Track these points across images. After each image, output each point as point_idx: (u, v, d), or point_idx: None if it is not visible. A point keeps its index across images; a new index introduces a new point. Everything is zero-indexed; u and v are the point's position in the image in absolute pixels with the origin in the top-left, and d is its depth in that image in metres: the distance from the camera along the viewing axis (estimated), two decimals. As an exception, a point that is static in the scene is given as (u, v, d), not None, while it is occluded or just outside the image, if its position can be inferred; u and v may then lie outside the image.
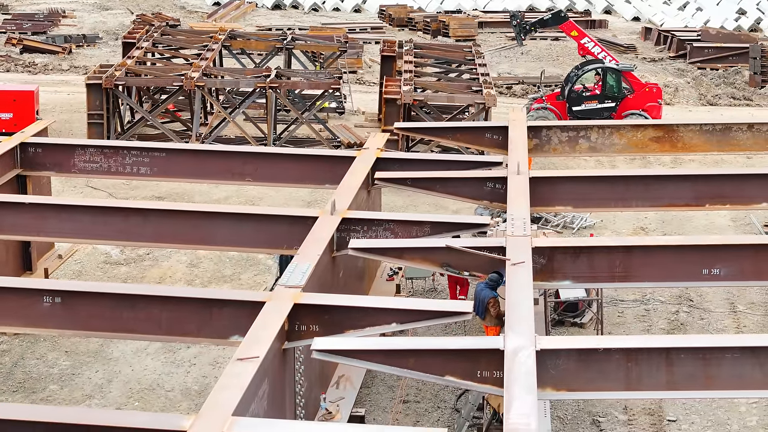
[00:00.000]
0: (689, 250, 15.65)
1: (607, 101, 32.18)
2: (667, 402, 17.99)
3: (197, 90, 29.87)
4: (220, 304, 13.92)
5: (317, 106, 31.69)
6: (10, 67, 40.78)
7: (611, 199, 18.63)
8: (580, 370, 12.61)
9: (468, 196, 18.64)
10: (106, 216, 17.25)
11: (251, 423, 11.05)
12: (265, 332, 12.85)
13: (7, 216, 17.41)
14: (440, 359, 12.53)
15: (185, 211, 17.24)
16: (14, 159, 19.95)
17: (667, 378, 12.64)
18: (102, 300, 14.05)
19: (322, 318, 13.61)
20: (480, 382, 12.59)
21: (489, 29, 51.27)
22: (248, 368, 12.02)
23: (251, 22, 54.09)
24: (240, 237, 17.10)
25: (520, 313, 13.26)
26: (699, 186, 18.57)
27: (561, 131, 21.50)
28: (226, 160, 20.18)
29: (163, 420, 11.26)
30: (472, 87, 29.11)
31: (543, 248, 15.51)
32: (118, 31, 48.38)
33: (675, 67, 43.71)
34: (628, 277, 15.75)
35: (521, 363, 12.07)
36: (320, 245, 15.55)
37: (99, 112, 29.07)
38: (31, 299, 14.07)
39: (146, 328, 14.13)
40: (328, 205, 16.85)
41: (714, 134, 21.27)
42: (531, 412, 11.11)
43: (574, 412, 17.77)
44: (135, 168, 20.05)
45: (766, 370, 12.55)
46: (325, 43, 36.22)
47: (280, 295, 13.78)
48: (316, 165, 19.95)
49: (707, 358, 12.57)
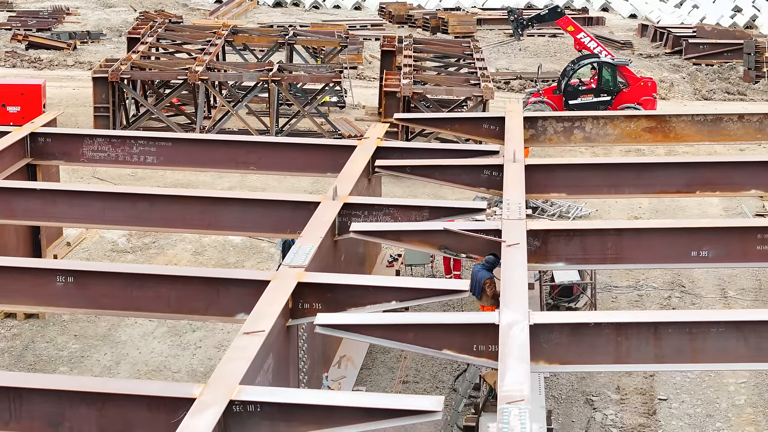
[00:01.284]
0: (678, 232, 16.20)
1: (603, 95, 32.78)
2: (658, 382, 18.57)
3: (201, 83, 30.48)
4: (226, 282, 14.46)
5: (318, 99, 32.28)
6: (16, 63, 41.36)
7: (604, 186, 19.16)
8: (572, 344, 13.12)
9: (465, 183, 19.17)
10: (115, 202, 17.75)
11: (258, 390, 11.55)
12: (270, 308, 13.37)
13: (19, 201, 17.90)
14: (438, 333, 13.04)
15: (192, 197, 17.76)
16: (24, 148, 20.46)
17: (655, 351, 13.16)
18: (113, 279, 14.58)
19: (325, 296, 14.13)
20: (476, 356, 13.11)
21: (487, 26, 51.87)
22: (254, 341, 12.52)
23: (253, 19, 54.68)
24: (245, 222, 17.62)
25: (514, 290, 13.80)
26: (690, 173, 19.09)
27: (556, 122, 22.04)
28: (230, 149, 20.72)
29: (174, 388, 11.82)
30: (470, 81, 29.70)
31: (537, 231, 16.06)
32: (121, 28, 48.96)
33: (671, 63, 44.29)
34: (619, 259, 16.31)
35: (515, 336, 12.60)
36: (322, 228, 16.08)
37: (105, 105, 29.69)
38: (45, 279, 14.58)
39: (155, 306, 14.66)
40: (330, 190, 17.39)
41: (705, 125, 21.81)
42: (524, 380, 11.65)
43: (568, 391, 18.33)
44: (142, 157, 20.57)
45: (749, 344, 13.07)
46: (326, 39, 36.83)
47: (284, 274, 14.31)
48: (318, 154, 20.49)
49: (693, 332, 13.09)
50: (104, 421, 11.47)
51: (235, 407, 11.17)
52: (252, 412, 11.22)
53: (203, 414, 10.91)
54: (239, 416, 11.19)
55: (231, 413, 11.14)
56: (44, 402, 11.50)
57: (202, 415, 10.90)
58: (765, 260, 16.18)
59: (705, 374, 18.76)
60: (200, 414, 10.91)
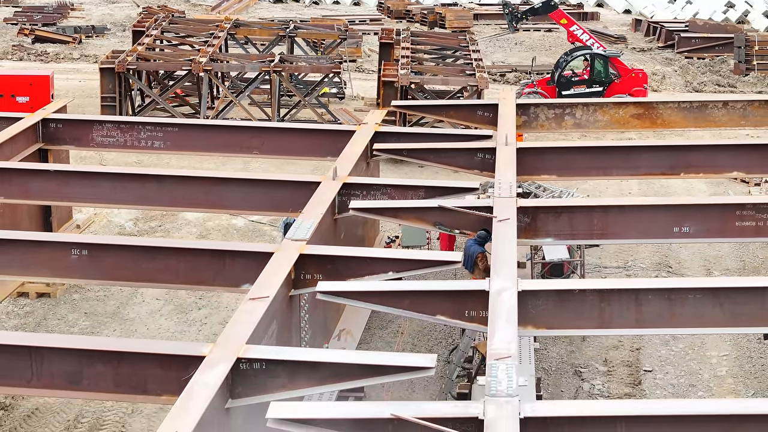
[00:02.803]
0: (661, 209, 17.01)
1: (595, 85, 33.65)
2: (644, 354, 19.40)
3: (205, 74, 31.36)
4: (232, 254, 15.27)
5: (318, 89, 33.15)
6: (23, 56, 42.23)
7: (593, 168, 19.97)
8: (558, 310, 13.84)
9: (460, 166, 19.97)
10: (124, 182, 18.53)
11: (263, 349, 12.30)
12: (274, 278, 14.12)
13: (34, 182, 18.69)
14: (432, 300, 13.78)
15: (198, 177, 18.55)
16: (36, 134, 21.23)
17: (636, 317, 13.87)
18: (125, 252, 15.37)
19: (325, 267, 14.90)
20: (468, 321, 13.89)
21: (484, 21, 52.74)
22: (259, 306, 13.26)
23: (253, 14, 55.50)
24: (248, 201, 18.39)
25: (504, 260, 14.58)
26: (674, 156, 19.86)
27: (548, 108, 22.87)
28: (235, 134, 21.52)
29: (185, 347, 12.67)
30: (466, 71, 30.55)
31: (527, 208, 16.87)
32: (125, 23, 49.86)
33: (663, 57, 45.14)
34: (605, 235, 17.13)
35: (504, 301, 13.35)
36: (323, 206, 16.85)
37: (112, 95, 30.59)
38: (61, 252, 15.36)
39: (165, 277, 15.46)
40: (330, 171, 18.21)
41: (691, 111, 22.63)
42: (512, 339, 12.42)
43: (557, 363, 19.15)
44: (149, 142, 21.36)
45: (725, 309, 13.83)
46: (326, 32, 37.70)
47: (287, 246, 15.09)
48: (318, 138, 21.28)
49: (672, 298, 13.83)
50: (120, 378, 12.24)
51: (242, 365, 11.89)
52: (258, 370, 11.93)
53: (212, 370, 11.67)
54: (245, 373, 11.91)
55: (238, 370, 11.85)
56: (63, 360, 12.26)
57: (211, 371, 11.66)
58: (743, 236, 16.99)
59: (689, 347, 19.61)
60: (209, 370, 11.67)
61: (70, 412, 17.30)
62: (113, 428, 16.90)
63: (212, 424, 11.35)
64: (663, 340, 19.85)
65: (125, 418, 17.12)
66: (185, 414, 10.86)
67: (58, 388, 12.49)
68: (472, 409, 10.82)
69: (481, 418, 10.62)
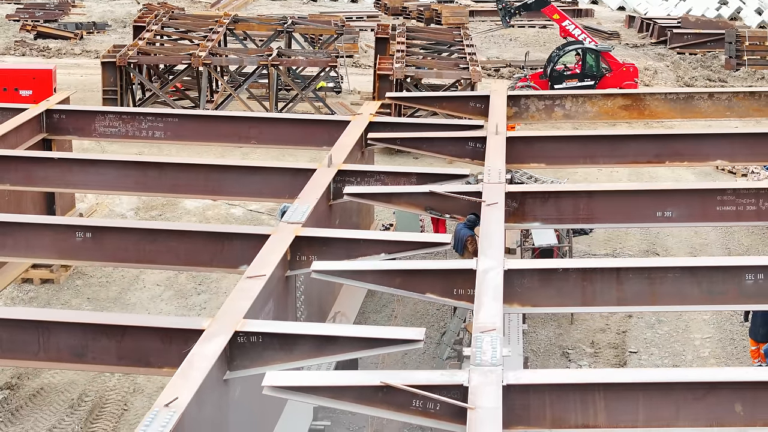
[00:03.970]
0: (644, 194, 17.56)
1: (587, 79, 34.26)
2: (629, 337, 20.02)
3: (204, 68, 31.99)
4: (230, 237, 15.84)
5: (316, 83, 33.79)
6: (26, 52, 42.85)
7: (580, 156, 20.50)
8: (543, 288, 14.34)
9: (452, 154, 20.54)
10: (127, 169, 19.03)
11: (260, 323, 12.82)
12: (270, 258, 14.65)
13: (38, 170, 19.20)
14: (422, 278, 14.28)
15: (198, 165, 19.09)
16: (40, 124, 21.74)
17: (617, 295, 14.37)
18: (128, 234, 15.93)
19: (320, 249, 15.44)
20: (456, 299, 14.40)
21: (480, 18, 53.38)
22: (256, 284, 13.79)
23: (252, 11, 56.10)
24: (246, 188, 18.89)
25: (491, 241, 15.14)
26: (660, 145, 20.38)
27: (538, 100, 23.43)
28: (233, 124, 22.09)
29: (185, 321, 13.29)
30: (460, 65, 31.17)
31: (515, 193, 17.45)
32: (125, 19, 50.49)
33: (655, 52, 45.75)
34: (590, 219, 17.69)
35: (491, 279, 13.88)
36: (318, 191, 17.42)
37: (113, 88, 31.23)
38: (66, 234, 15.91)
39: (166, 259, 16.03)
40: (325, 158, 18.81)
41: (678, 102, 23.20)
42: (497, 314, 12.98)
43: (546, 345, 19.77)
44: (150, 132, 21.92)
45: (702, 288, 14.35)
46: (323, 27, 38.30)
47: (283, 229, 15.66)
48: (314, 128, 21.84)
49: (652, 277, 14.36)
50: (123, 352, 12.82)
51: (240, 338, 12.44)
52: (255, 343, 12.48)
53: (211, 342, 12.23)
54: (243, 346, 12.47)
55: (236, 343, 12.41)
56: (69, 334, 12.84)
57: (209, 343, 12.22)
58: (724, 220, 17.53)
59: (673, 330, 20.23)
60: (208, 342, 12.23)
61: (74, 391, 17.92)
62: (116, 407, 17.50)
63: (211, 394, 11.93)
64: (648, 324, 20.48)
65: (127, 397, 17.74)
66: (185, 382, 11.42)
67: (64, 361, 13.07)
68: (458, 377, 11.40)
69: (466, 386, 11.19)
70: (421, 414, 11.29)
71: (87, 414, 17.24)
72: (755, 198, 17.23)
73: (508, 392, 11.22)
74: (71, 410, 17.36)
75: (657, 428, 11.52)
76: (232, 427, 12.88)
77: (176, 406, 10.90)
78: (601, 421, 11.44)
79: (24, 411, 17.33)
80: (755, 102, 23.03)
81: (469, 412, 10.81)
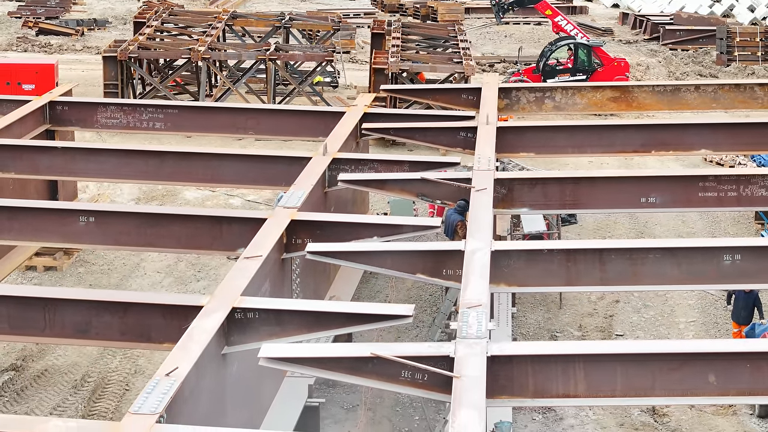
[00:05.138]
0: (629, 181, 18.12)
1: (579, 74, 34.87)
2: (616, 321, 20.61)
3: (203, 62, 32.62)
4: (228, 220, 16.40)
5: (313, 77, 34.42)
6: (28, 48, 43.50)
7: (569, 146, 21.04)
8: (528, 268, 14.89)
9: (444, 144, 21.10)
10: (128, 158, 19.55)
11: (257, 300, 13.34)
12: (267, 240, 15.16)
13: (42, 158, 19.73)
14: (412, 259, 14.83)
15: (198, 153, 19.65)
16: (44, 115, 22.24)
17: (600, 275, 14.93)
18: (130, 219, 16.49)
19: (315, 233, 15.97)
20: (445, 279, 14.97)
21: (475, 15, 53.99)
22: (253, 264, 14.34)
23: (251, 9, 56.63)
24: (244, 176, 19.42)
25: (479, 225, 15.68)
26: (646, 135, 20.90)
27: (529, 92, 24.00)
28: (231, 115, 22.64)
29: (185, 298, 13.90)
30: (454, 59, 31.77)
31: (504, 180, 18.01)
32: (125, 16, 51.14)
33: (648, 49, 46.36)
34: (576, 205, 18.28)
35: (478, 260, 14.40)
36: (314, 178, 17.99)
37: (114, 82, 31.86)
38: (70, 218, 16.45)
39: (167, 242, 16.59)
40: (320, 147, 19.39)
41: (665, 94, 23.76)
42: (483, 291, 13.51)
43: (535, 329, 20.36)
44: (151, 123, 22.44)
45: (682, 268, 14.93)
46: (320, 23, 38.92)
47: (279, 213, 16.22)
48: (310, 119, 22.41)
49: (633, 257, 14.93)
50: (125, 327, 13.34)
51: (237, 314, 12.96)
52: (251, 318, 13.01)
53: (209, 318, 12.75)
54: (240, 321, 12.99)
55: (233, 319, 12.94)
56: (74, 311, 13.36)
57: (208, 318, 12.74)
58: (706, 205, 18.14)
59: (659, 314, 20.83)
60: (207, 317, 12.75)
61: (77, 372, 18.52)
62: (117, 387, 18.10)
63: (210, 366, 12.47)
64: (635, 308, 21.08)
65: (128, 378, 18.34)
66: (185, 354, 11.97)
67: (69, 337, 13.59)
68: (445, 349, 11.97)
69: (452, 356, 11.76)
70: (410, 384, 11.85)
71: (90, 394, 17.83)
72: (736, 184, 17.79)
73: (493, 363, 11.78)
74: (74, 390, 17.96)
75: (634, 397, 12.12)
76: (230, 402, 13.43)
77: (176, 376, 11.43)
78: (581, 391, 12.02)
79: (29, 391, 17.92)
80: (740, 94, 23.59)
81: (454, 381, 11.37)
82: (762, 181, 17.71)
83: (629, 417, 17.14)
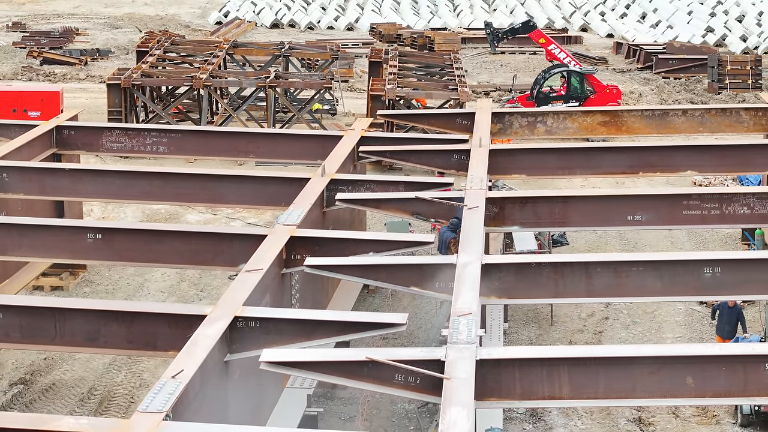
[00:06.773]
0: (616, 199, 18.82)
1: (572, 101, 35.65)
2: (605, 337, 21.25)
3: (205, 89, 33.45)
4: (230, 237, 17.12)
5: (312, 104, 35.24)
6: (32, 77, 44.35)
7: (559, 167, 21.75)
8: (518, 281, 15.52)
9: (438, 166, 21.83)
10: (133, 179, 20.23)
11: (258, 310, 14.00)
12: (267, 255, 15.81)
13: (49, 180, 20.42)
14: (406, 273, 15.47)
15: (199, 174, 20.37)
16: (51, 139, 22.90)
17: (587, 287, 15.57)
18: (135, 236, 17.18)
19: (313, 248, 16.62)
20: (438, 291, 15.60)
21: (472, 44, 54.86)
22: (254, 276, 15.02)
23: (251, 39, 57.53)
24: (244, 196, 20.05)
25: (471, 240, 16.35)
26: (633, 156, 21.60)
27: (521, 117, 24.73)
28: (232, 139, 23.40)
29: (189, 308, 14.58)
30: (449, 86, 32.59)
31: (495, 198, 18.70)
32: (128, 46, 52.03)
33: (641, 77, 47.19)
34: (566, 223, 18.93)
35: (469, 272, 15.07)
36: (312, 198, 18.65)
37: (118, 109, 32.67)
38: (78, 235, 17.13)
39: (171, 258, 17.27)
40: (319, 169, 20.08)
41: (653, 119, 24.48)
42: (473, 301, 14.16)
43: (526, 345, 20.95)
44: (154, 147, 23.14)
45: (665, 280, 15.57)
46: (319, 51, 39.79)
47: (279, 230, 16.87)
48: (309, 143, 23.12)
49: (618, 270, 15.56)
50: (132, 336, 14.01)
51: (239, 323, 13.61)
52: (252, 327, 13.65)
53: (213, 326, 13.38)
54: (242, 330, 13.61)
55: (235, 327, 13.58)
56: (83, 320, 14.03)
57: (211, 326, 13.37)
58: (690, 223, 18.80)
59: (647, 330, 21.50)
60: (210, 326, 13.39)
61: (84, 386, 19.15)
62: (123, 400, 18.72)
63: (213, 372, 13.10)
64: (624, 324, 21.75)
65: (134, 391, 18.97)
66: (190, 359, 12.61)
67: (78, 345, 14.29)
68: (436, 353, 12.64)
69: (443, 360, 12.42)
70: (403, 387, 12.51)
71: (96, 406, 18.46)
72: (719, 202, 18.47)
73: (481, 366, 12.43)
74: (81, 403, 18.58)
75: (616, 399, 12.79)
76: (232, 409, 14.05)
77: (182, 377, 12.07)
78: (565, 393, 12.67)
79: (37, 404, 18.54)
80: (727, 118, 24.33)
81: (445, 383, 12.01)
82: (743, 200, 18.40)
83: (616, 426, 17.77)
